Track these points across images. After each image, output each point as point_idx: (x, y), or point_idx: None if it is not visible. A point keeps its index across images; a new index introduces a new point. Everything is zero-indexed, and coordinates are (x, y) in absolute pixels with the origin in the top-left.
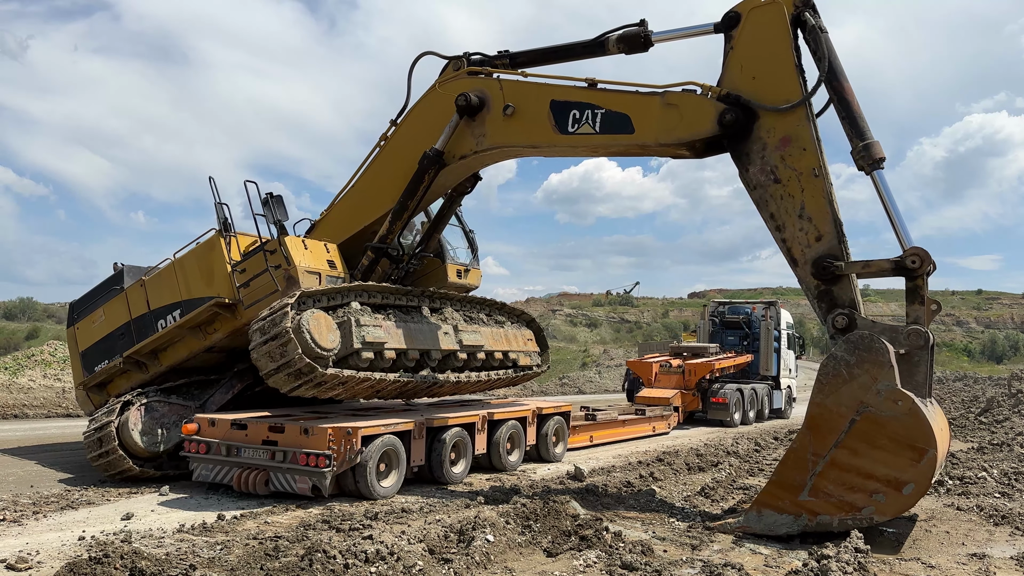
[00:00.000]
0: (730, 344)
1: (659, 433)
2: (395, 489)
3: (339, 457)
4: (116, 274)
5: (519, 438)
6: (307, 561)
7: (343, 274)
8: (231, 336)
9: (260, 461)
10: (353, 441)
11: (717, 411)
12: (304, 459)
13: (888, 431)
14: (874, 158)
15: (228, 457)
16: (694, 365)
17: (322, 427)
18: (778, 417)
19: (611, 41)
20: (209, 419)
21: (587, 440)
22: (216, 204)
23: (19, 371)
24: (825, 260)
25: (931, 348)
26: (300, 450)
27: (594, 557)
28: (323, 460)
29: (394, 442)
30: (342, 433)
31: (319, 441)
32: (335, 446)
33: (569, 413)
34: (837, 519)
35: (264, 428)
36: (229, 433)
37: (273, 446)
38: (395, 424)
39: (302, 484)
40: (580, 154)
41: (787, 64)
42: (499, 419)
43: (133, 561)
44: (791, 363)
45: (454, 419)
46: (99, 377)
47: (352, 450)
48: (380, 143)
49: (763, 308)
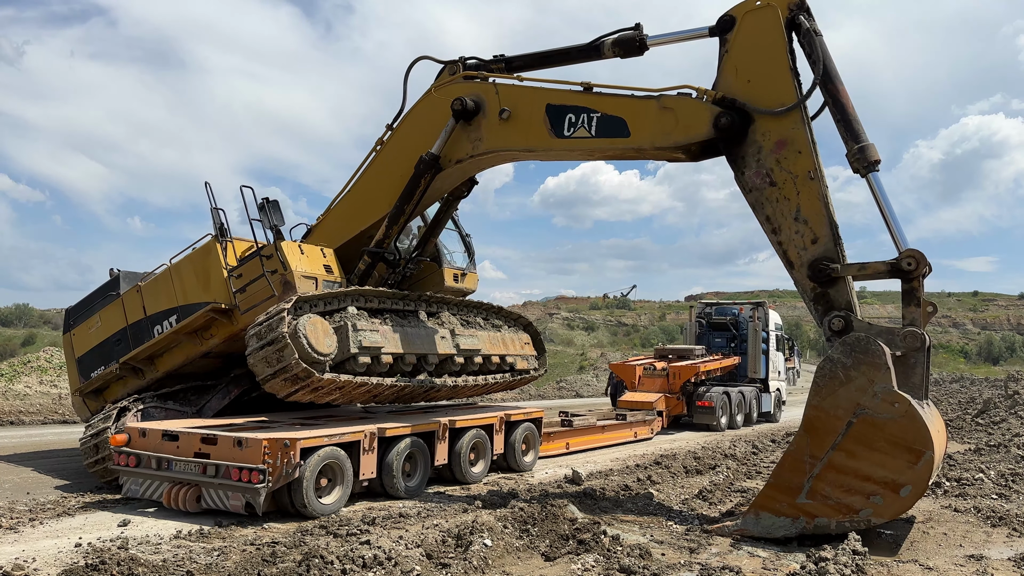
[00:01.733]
0: (717, 346)
1: (641, 439)
2: (339, 506)
3: (275, 472)
4: (112, 280)
5: (484, 447)
6: (304, 567)
7: (340, 279)
8: (228, 341)
9: (191, 476)
10: (291, 454)
11: (703, 415)
12: (236, 474)
13: (885, 433)
14: (869, 160)
15: (158, 471)
16: (678, 368)
17: (256, 439)
18: (767, 421)
19: (607, 45)
20: (140, 429)
21: (563, 447)
22: (212, 209)
23: (15, 377)
24: (821, 263)
25: (927, 350)
26: (233, 464)
27: (592, 561)
28: (256, 475)
29: (337, 454)
30: (279, 445)
31: (253, 454)
32: (271, 459)
33: (541, 419)
34: (835, 521)
35: (196, 440)
36: (160, 445)
37: (205, 459)
38: (340, 435)
39: (235, 501)
40: (576, 158)
41: (782, 67)
42: (462, 427)
43: (130, 568)
44: (780, 365)
45: (410, 428)
46: (95, 383)
47: (289, 464)
48: (376, 147)
49: (751, 309)
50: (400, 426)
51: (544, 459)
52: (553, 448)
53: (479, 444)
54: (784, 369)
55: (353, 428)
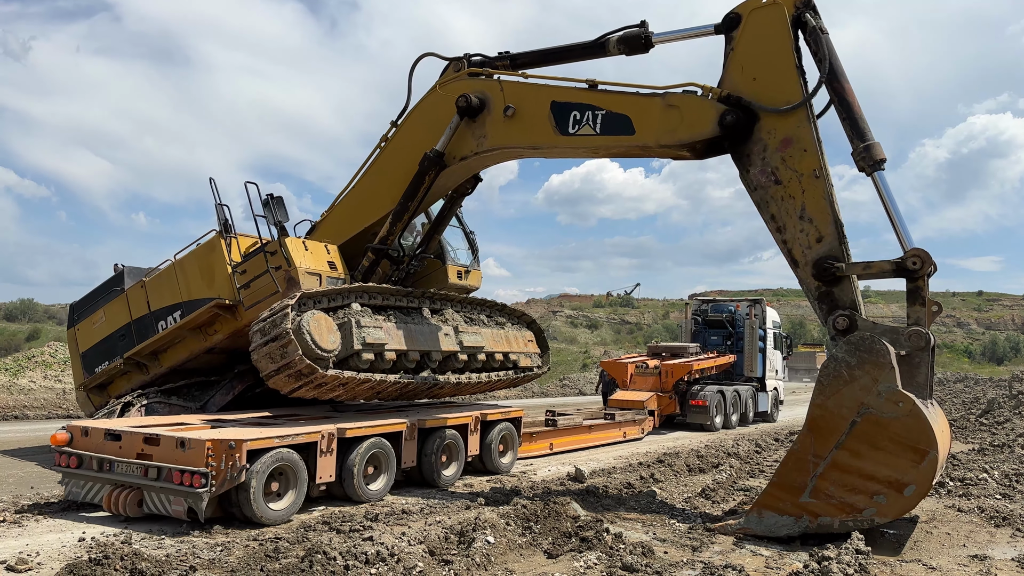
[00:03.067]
0: (713, 344)
1: (631, 439)
2: (291, 512)
3: (219, 475)
4: (117, 275)
5: (457, 448)
6: (307, 562)
7: (343, 275)
8: (232, 337)
9: (133, 478)
10: (236, 456)
11: (696, 414)
12: (178, 477)
13: (889, 432)
14: (875, 159)
15: (100, 472)
16: (671, 366)
17: (200, 439)
18: (764, 420)
19: (612, 42)
20: (82, 428)
21: (546, 448)
22: (216, 205)
23: (20, 372)
24: (826, 261)
25: (932, 349)
26: (175, 467)
27: (595, 558)
28: (199, 479)
29: (290, 457)
30: (223, 447)
31: (196, 456)
32: (214, 462)
33: (520, 419)
34: (838, 520)
35: (139, 440)
36: (102, 445)
37: (147, 461)
38: (293, 436)
39: (176, 506)
40: (581, 155)
41: (788, 65)
42: (432, 427)
43: (133, 562)
44: (778, 364)
45: (374, 428)
46: (100, 378)
47: (235, 467)
48: (381, 144)
49: (747, 306)
50: (362, 426)
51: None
52: (535, 449)
53: (451, 445)
54: (782, 368)
55: (308, 428)
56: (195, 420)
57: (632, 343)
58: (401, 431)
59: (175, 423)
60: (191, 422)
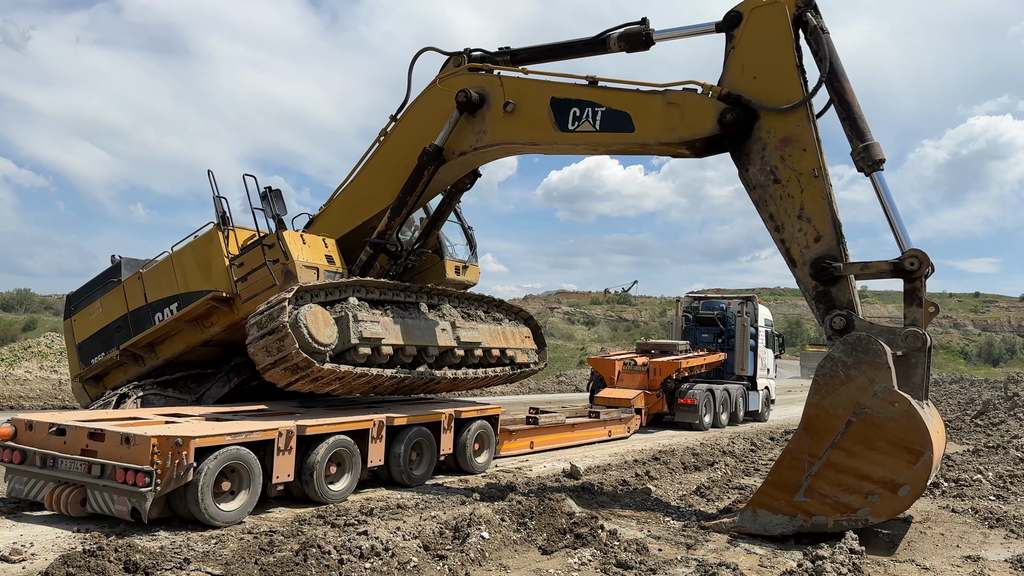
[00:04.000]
0: (704, 342)
1: (616, 438)
2: (244, 513)
3: (164, 474)
4: (114, 266)
5: (428, 447)
6: (302, 556)
7: (341, 269)
8: (228, 330)
9: (77, 476)
10: (183, 454)
11: (685, 413)
12: (122, 475)
13: (885, 433)
14: (874, 159)
15: (43, 469)
16: (659, 364)
17: (145, 436)
18: (755, 420)
19: (612, 39)
20: (27, 422)
21: (526, 447)
22: (215, 198)
23: (16, 362)
24: (824, 261)
25: (928, 350)
26: (119, 464)
27: (589, 555)
28: (142, 477)
29: (243, 456)
30: (169, 444)
31: (141, 453)
32: (160, 460)
33: (497, 417)
34: (832, 520)
35: (84, 435)
36: (46, 440)
37: (91, 458)
38: (246, 433)
39: (120, 506)
40: (580, 152)
41: (788, 64)
42: (401, 425)
43: (127, 554)
44: (769, 362)
45: (336, 426)
46: (96, 369)
47: (181, 465)
48: (380, 138)
49: (739, 304)
50: (324, 423)
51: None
52: (515, 447)
53: (422, 443)
54: (774, 367)
55: (264, 425)
56: (193, 412)
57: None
58: (368, 429)
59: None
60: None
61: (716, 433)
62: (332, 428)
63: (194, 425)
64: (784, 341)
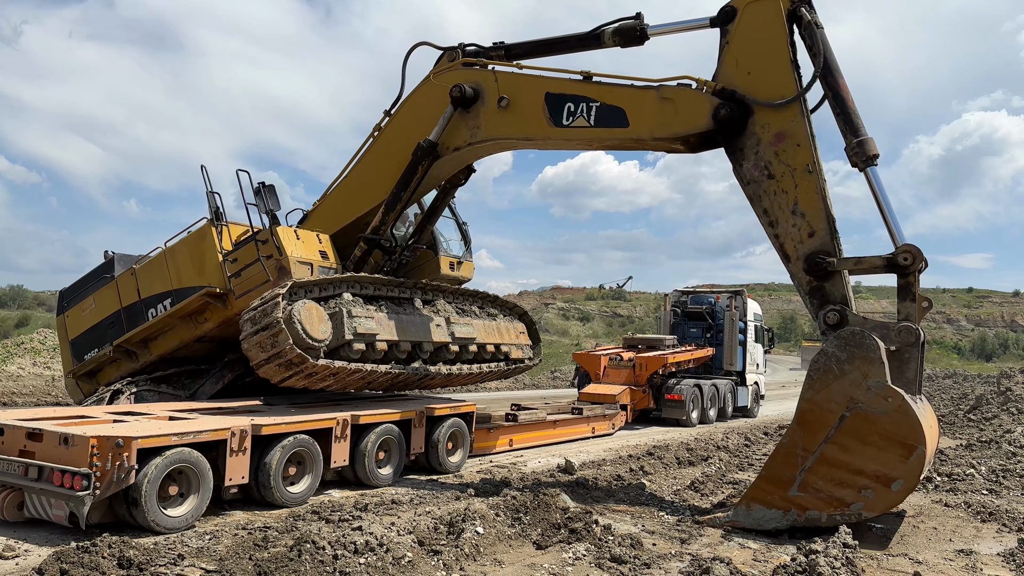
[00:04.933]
0: (692, 336)
1: (600, 435)
2: (193, 518)
3: (104, 477)
4: (107, 262)
5: (396, 446)
6: (296, 552)
7: (335, 265)
8: (222, 326)
9: (14, 478)
10: (124, 456)
11: (672, 409)
12: (59, 478)
13: (878, 428)
14: (868, 155)
15: None
16: (645, 359)
17: (84, 436)
18: (744, 416)
19: (607, 34)
20: None
21: (506, 444)
22: (208, 193)
23: (8, 359)
24: (817, 256)
25: (922, 345)
26: (56, 467)
27: (583, 550)
28: (80, 480)
29: (191, 457)
30: (109, 445)
31: (79, 455)
32: (99, 462)
33: (472, 414)
34: (826, 515)
35: (22, 435)
36: None
37: (29, 459)
38: (195, 433)
39: (58, 511)
40: (575, 147)
41: (782, 60)
42: (368, 423)
43: (121, 550)
44: (759, 357)
45: (296, 425)
46: (89, 365)
47: (122, 467)
48: (374, 133)
49: (728, 298)
50: (282, 423)
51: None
52: (492, 445)
53: (389, 442)
54: (763, 362)
55: (215, 424)
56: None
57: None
58: (331, 428)
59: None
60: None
61: (710, 428)
62: (291, 427)
63: (139, 425)
64: (774, 336)
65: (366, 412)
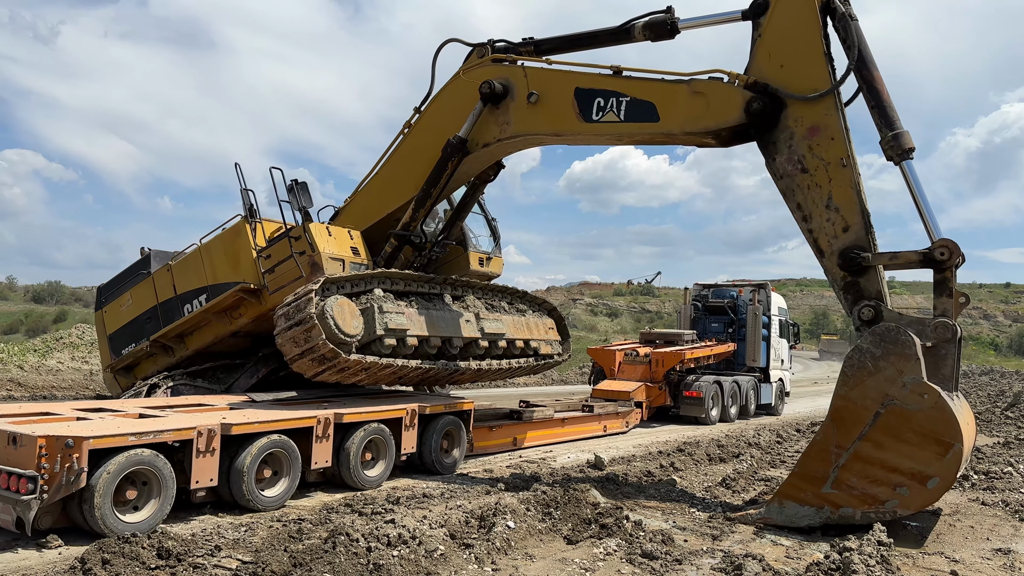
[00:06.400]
0: (714, 332)
1: (612, 433)
2: (153, 523)
3: (52, 480)
4: (143, 258)
5: (385, 446)
6: (330, 544)
7: (366, 261)
8: (256, 321)
9: None
10: (75, 457)
11: (690, 406)
12: (4, 480)
13: (913, 424)
14: (903, 148)
15: None
16: (661, 354)
17: (32, 436)
18: (767, 413)
19: (637, 28)
20: None
21: (509, 443)
22: (242, 190)
23: (48, 353)
24: (852, 251)
25: (958, 341)
26: (2, 468)
27: (614, 545)
28: (25, 483)
29: (151, 459)
30: (59, 445)
31: (27, 456)
32: (48, 463)
33: (470, 412)
34: (860, 512)
35: None
36: None
37: None
38: (155, 433)
39: (4, 515)
40: (604, 142)
41: (816, 52)
42: (352, 422)
43: (160, 541)
44: (783, 353)
45: (272, 424)
46: (126, 360)
47: (72, 470)
48: (404, 130)
49: (751, 291)
50: (255, 421)
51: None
52: (495, 444)
53: (378, 442)
54: (789, 358)
55: (179, 424)
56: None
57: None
58: (311, 427)
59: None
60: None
61: (740, 425)
62: (265, 427)
63: (94, 424)
64: (799, 331)
65: (350, 410)
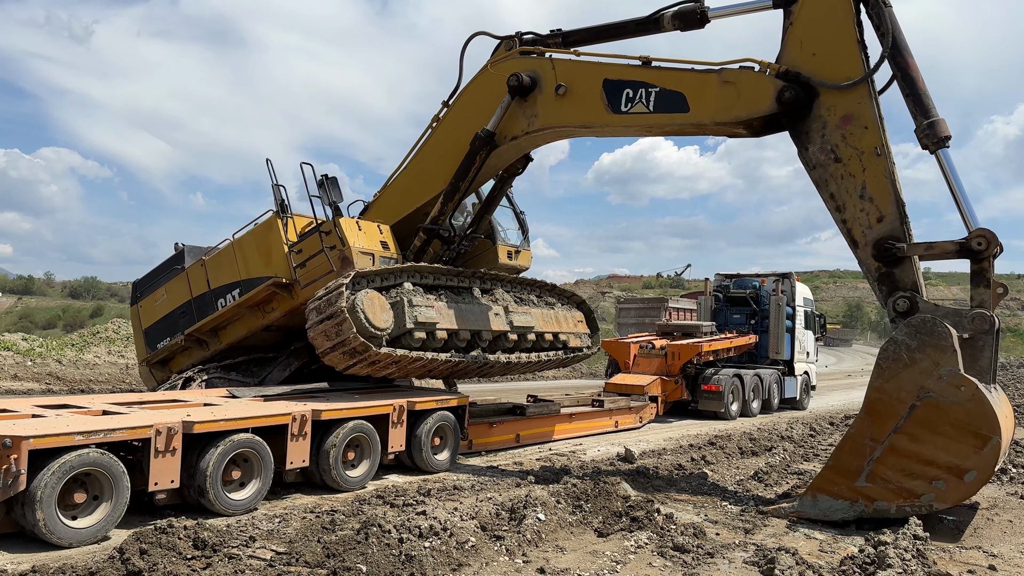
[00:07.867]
0: (735, 323)
1: (625, 428)
2: (104, 529)
3: None
4: (177, 254)
5: (370, 444)
6: (363, 535)
7: (396, 255)
8: (288, 315)
9: None
10: (12, 458)
11: (708, 401)
12: None
13: (950, 417)
14: (939, 136)
15: None
16: (677, 347)
17: None
18: (792, 408)
19: (666, 18)
20: None
21: (511, 439)
22: (273, 186)
23: (85, 348)
24: (887, 242)
25: (996, 333)
26: None
27: (645, 538)
28: None
29: (101, 459)
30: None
31: None
32: None
33: (464, 408)
34: (895, 506)
35: None
36: None
37: None
38: (106, 432)
39: None
40: (633, 134)
41: (849, 40)
42: (333, 419)
43: (196, 532)
44: (808, 345)
45: (239, 423)
46: (162, 354)
47: (9, 472)
48: (432, 124)
49: (774, 282)
50: (220, 420)
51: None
52: (496, 441)
53: (361, 440)
54: (815, 350)
55: (134, 422)
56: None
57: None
58: (286, 424)
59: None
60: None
61: (772, 418)
62: (233, 425)
63: (37, 422)
64: (826, 322)
65: (330, 406)
